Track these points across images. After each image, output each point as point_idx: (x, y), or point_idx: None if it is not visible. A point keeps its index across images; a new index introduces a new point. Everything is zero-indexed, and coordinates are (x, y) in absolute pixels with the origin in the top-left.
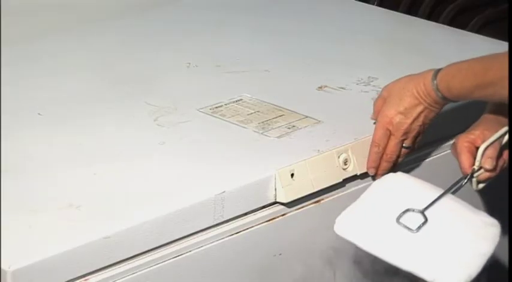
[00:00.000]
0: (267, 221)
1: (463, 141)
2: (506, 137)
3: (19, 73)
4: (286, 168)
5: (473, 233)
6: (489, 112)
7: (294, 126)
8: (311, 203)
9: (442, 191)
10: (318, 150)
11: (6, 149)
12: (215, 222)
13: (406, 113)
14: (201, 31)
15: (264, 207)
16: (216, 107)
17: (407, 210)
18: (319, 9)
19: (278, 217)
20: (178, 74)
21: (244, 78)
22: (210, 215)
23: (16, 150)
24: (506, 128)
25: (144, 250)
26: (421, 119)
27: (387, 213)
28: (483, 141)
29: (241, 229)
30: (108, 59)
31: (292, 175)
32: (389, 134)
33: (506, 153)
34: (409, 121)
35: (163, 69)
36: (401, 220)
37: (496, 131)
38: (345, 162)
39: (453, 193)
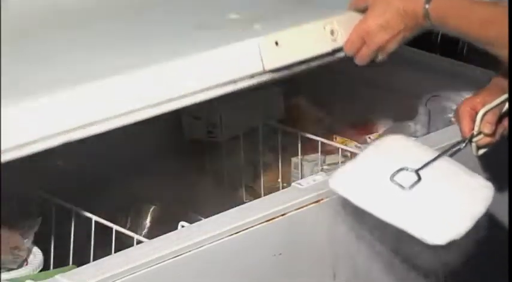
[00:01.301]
0: (266, 221)
1: (465, 106)
2: (507, 105)
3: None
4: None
5: (466, 194)
6: (496, 79)
7: None
8: (311, 203)
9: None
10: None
11: None
12: None
13: (387, 28)
14: None
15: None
16: None
17: (401, 169)
18: None
19: (278, 217)
20: None
21: None
22: None
23: None
24: (506, 95)
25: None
26: (399, 37)
27: (382, 171)
28: (484, 107)
29: (241, 229)
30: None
31: (276, 43)
32: (363, 43)
33: (506, 121)
34: (387, 37)
35: None
36: (395, 178)
37: (498, 97)
38: (332, 33)
39: (451, 156)
